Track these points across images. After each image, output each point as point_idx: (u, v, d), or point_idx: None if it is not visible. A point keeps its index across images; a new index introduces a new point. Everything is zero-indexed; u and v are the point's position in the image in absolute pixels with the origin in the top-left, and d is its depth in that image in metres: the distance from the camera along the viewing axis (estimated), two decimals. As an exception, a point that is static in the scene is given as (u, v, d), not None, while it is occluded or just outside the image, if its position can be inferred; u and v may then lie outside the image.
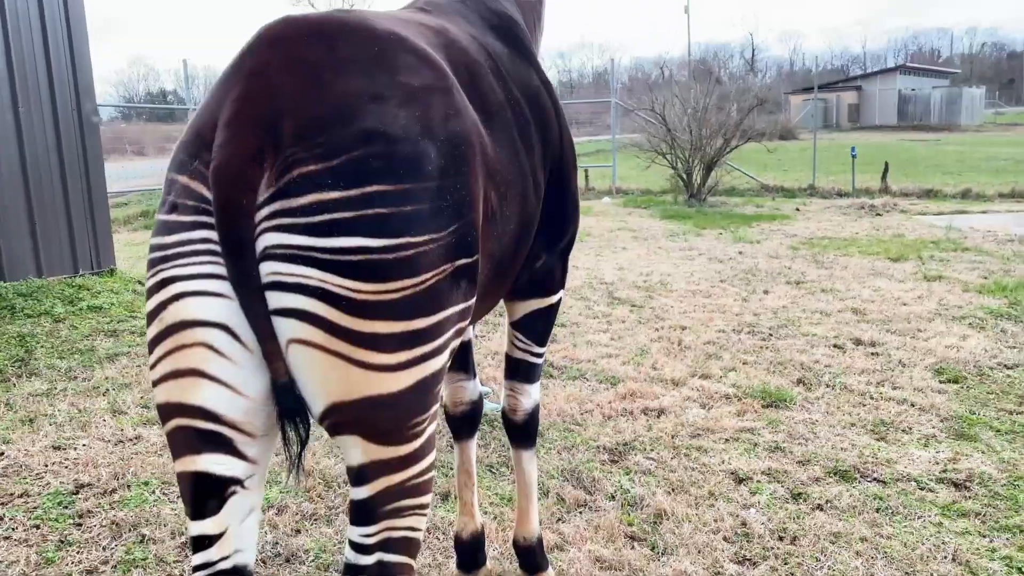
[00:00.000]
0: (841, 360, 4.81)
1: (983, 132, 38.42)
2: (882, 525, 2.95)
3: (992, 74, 69.50)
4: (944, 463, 3.43)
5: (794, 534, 2.88)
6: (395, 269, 1.33)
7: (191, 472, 1.42)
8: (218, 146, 1.34)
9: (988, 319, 5.64)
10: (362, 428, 1.41)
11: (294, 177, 1.32)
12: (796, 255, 8.41)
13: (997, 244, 8.76)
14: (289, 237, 1.32)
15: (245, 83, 1.39)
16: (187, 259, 1.36)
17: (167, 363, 1.39)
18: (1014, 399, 4.16)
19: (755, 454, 3.53)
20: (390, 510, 1.50)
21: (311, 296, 1.31)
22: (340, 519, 2.92)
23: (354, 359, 1.34)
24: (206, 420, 1.38)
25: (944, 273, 7.19)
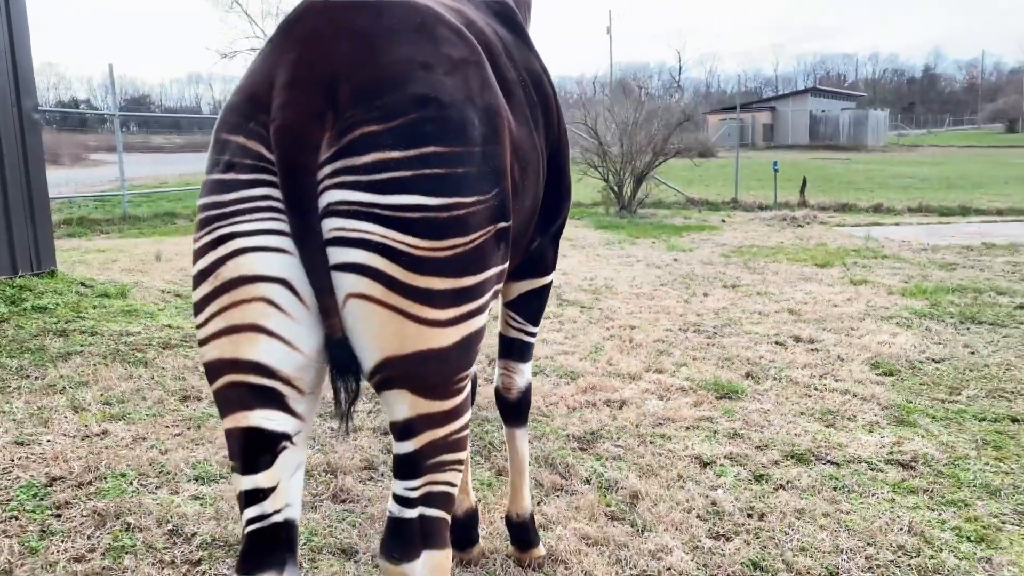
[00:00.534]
0: (784, 356, 5.05)
1: (888, 152, 40.43)
2: (840, 502, 3.13)
3: (894, 98, 73.18)
4: (890, 446, 3.65)
5: (761, 511, 3.04)
6: (449, 227, 1.40)
7: (243, 428, 1.45)
8: (279, 107, 1.39)
9: (913, 319, 5.99)
10: (412, 382, 1.47)
11: (356, 137, 1.38)
12: (728, 262, 8.73)
13: (912, 253, 9.28)
14: (352, 194, 1.37)
15: (300, 47, 1.45)
16: (247, 215, 1.40)
17: (221, 319, 1.42)
18: (944, 389, 4.44)
19: (716, 440, 3.69)
20: (433, 464, 1.56)
21: (372, 251, 1.37)
22: (324, 505, 2.94)
23: (410, 313, 1.40)
24: (261, 375, 1.42)
25: (868, 278, 7.59)
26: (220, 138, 1.48)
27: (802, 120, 46.03)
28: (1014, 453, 3.59)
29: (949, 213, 14.16)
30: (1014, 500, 3.15)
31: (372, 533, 2.74)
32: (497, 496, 3.12)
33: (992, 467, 3.45)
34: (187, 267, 7.16)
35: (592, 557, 2.63)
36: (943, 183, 21.05)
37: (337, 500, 2.98)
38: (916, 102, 73.53)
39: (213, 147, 1.49)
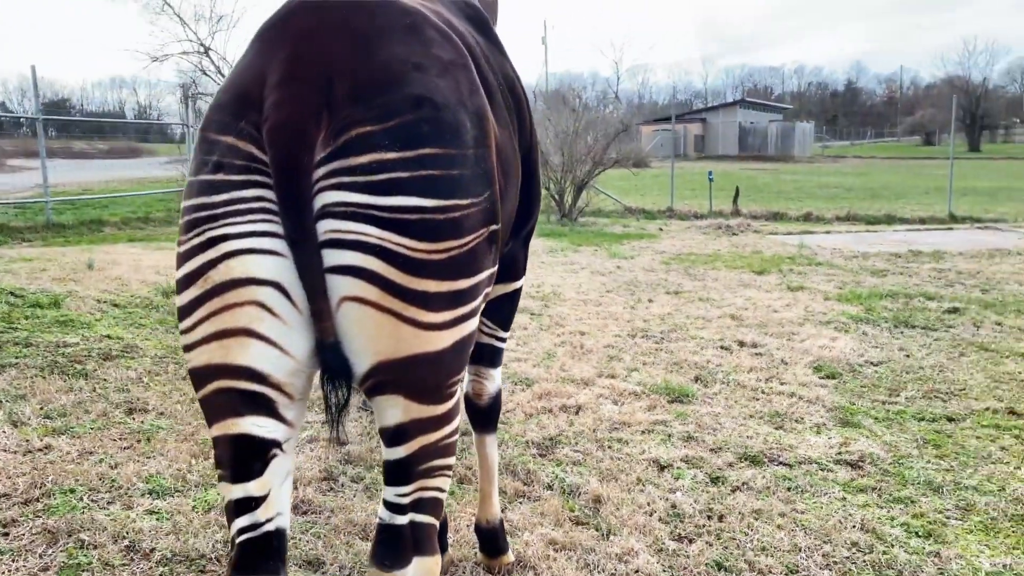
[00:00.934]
0: (730, 360, 5.16)
1: (814, 163, 41.72)
2: (795, 502, 3.21)
3: (818, 110, 75.67)
4: (837, 447, 3.76)
5: (720, 513, 3.09)
6: (445, 229, 1.40)
7: (233, 435, 1.42)
8: (272, 105, 1.36)
9: (850, 323, 6.18)
10: (405, 387, 1.46)
11: (352, 137, 1.36)
12: (669, 269, 8.88)
13: (844, 260, 9.58)
14: (348, 195, 1.35)
15: (294, 45, 1.42)
16: (239, 217, 1.37)
17: (210, 324, 1.38)
18: (884, 391, 4.60)
19: (671, 444, 3.75)
20: (424, 469, 1.54)
21: (368, 253, 1.35)
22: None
23: (405, 316, 1.39)
24: (251, 381, 1.39)
25: (805, 284, 7.81)
26: (208, 138, 1.44)
27: (732, 131, 47.21)
28: (953, 451, 3.74)
29: (875, 222, 14.68)
30: (956, 496, 3.27)
31: (338, 544, 2.70)
32: (461, 504, 3.10)
33: (934, 465, 3.58)
34: (122, 276, 6.94)
35: (560, 562, 2.64)
36: (867, 193, 21.82)
37: (299, 512, 2.93)
38: (839, 115, 76.24)
39: (200, 147, 1.45)
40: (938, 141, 60.28)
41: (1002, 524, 3.05)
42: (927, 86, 79.78)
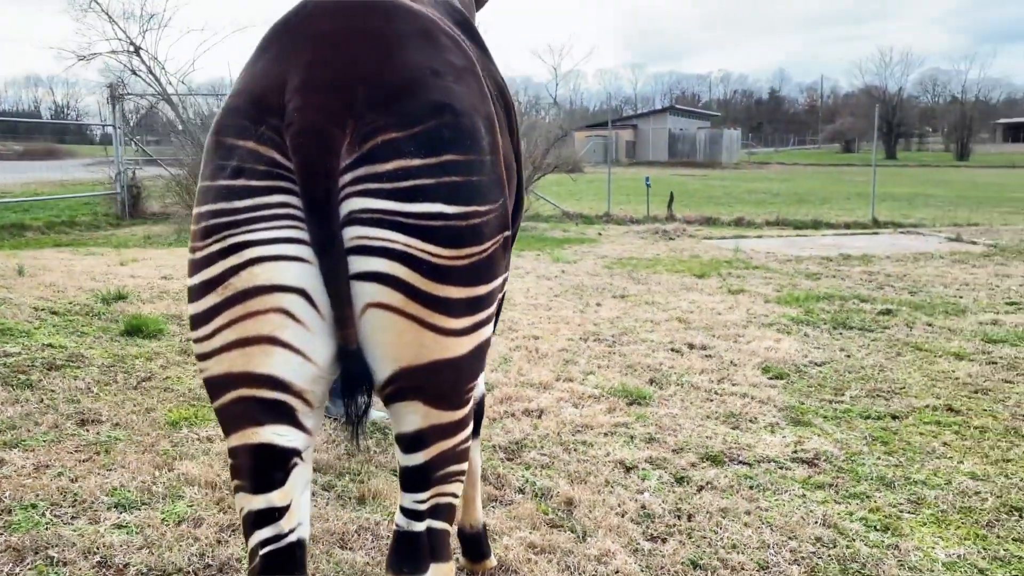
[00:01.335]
0: (682, 362, 5.27)
1: (741, 169, 42.84)
2: (758, 500, 3.30)
3: (744, 118, 77.75)
4: (793, 445, 3.88)
5: (689, 512, 3.16)
6: (466, 235, 1.41)
7: (254, 445, 1.40)
8: (297, 110, 1.34)
9: (792, 325, 6.38)
10: (425, 393, 1.46)
11: (378, 143, 1.35)
12: (613, 273, 9.00)
13: (779, 263, 9.87)
14: (375, 202, 1.35)
15: (314, 49, 1.40)
16: (263, 223, 1.35)
17: (231, 332, 1.36)
18: (830, 391, 4.77)
19: (634, 445, 3.81)
20: (441, 475, 1.55)
21: (394, 260, 1.35)
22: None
23: (428, 323, 1.39)
24: (274, 389, 1.37)
25: (744, 287, 8.02)
26: (223, 143, 1.41)
27: (662, 138, 48.14)
28: (900, 448, 3.90)
29: (804, 226, 15.15)
30: (907, 491, 3.42)
31: (317, 554, 2.66)
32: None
33: (884, 461, 3.73)
34: (56, 282, 6.69)
35: (542, 565, 2.67)
36: (793, 198, 22.50)
37: (272, 522, 2.87)
38: (764, 122, 78.48)
39: (215, 152, 1.42)
40: (857, 148, 62.62)
41: (952, 516, 3.20)
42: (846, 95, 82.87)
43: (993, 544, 2.98)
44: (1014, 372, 5.16)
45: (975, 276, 8.82)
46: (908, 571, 2.78)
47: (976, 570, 2.80)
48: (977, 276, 8.82)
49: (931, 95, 75.18)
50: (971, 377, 5.03)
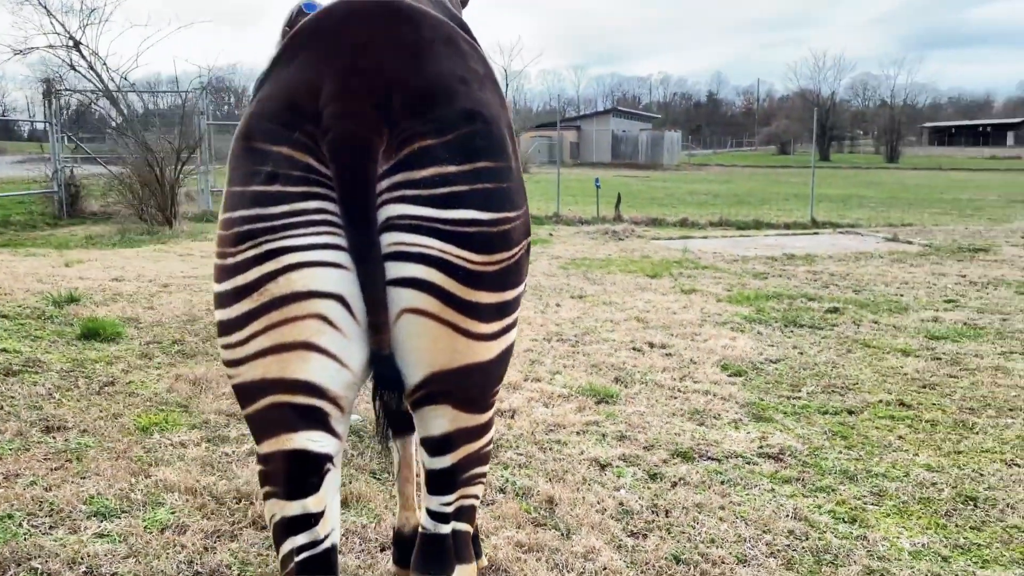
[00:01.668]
0: (644, 361, 5.37)
1: (681, 171, 43.55)
2: (730, 495, 3.40)
3: (683, 120, 79.09)
4: (758, 441, 4.00)
5: (666, 508, 3.24)
6: (498, 242, 1.44)
7: (288, 451, 1.41)
8: (334, 117, 1.35)
9: (745, 324, 6.55)
10: (455, 397, 1.49)
11: (415, 150, 1.37)
12: (568, 273, 9.09)
13: (727, 263, 10.10)
14: (412, 208, 1.37)
15: (348, 57, 1.41)
16: (300, 229, 1.35)
17: (266, 338, 1.37)
18: (787, 388, 4.91)
19: (607, 443, 3.88)
20: (467, 478, 1.58)
21: (432, 266, 1.38)
22: (244, 534, 2.80)
23: (461, 328, 1.42)
24: (309, 395, 1.38)
25: (696, 287, 8.19)
26: (255, 147, 1.41)
27: (605, 139, 48.66)
28: (859, 442, 4.05)
29: (746, 227, 15.50)
30: (869, 483, 3.56)
31: (308, 557, 2.65)
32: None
33: (845, 455, 3.87)
34: (3, 285, 6.47)
35: (531, 563, 2.71)
36: (734, 199, 22.99)
37: (257, 527, 2.85)
38: (703, 124, 79.97)
39: (246, 156, 1.42)
40: (792, 150, 64.25)
41: (913, 507, 3.34)
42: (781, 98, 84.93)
43: (953, 533, 3.12)
44: (957, 367, 5.39)
45: (913, 275, 9.16)
46: (878, 561, 2.89)
47: (940, 558, 2.93)
48: (915, 275, 9.16)
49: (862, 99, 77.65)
50: (919, 372, 5.24)
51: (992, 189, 30.22)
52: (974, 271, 9.38)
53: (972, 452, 3.93)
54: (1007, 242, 12.02)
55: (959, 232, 13.76)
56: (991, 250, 11.06)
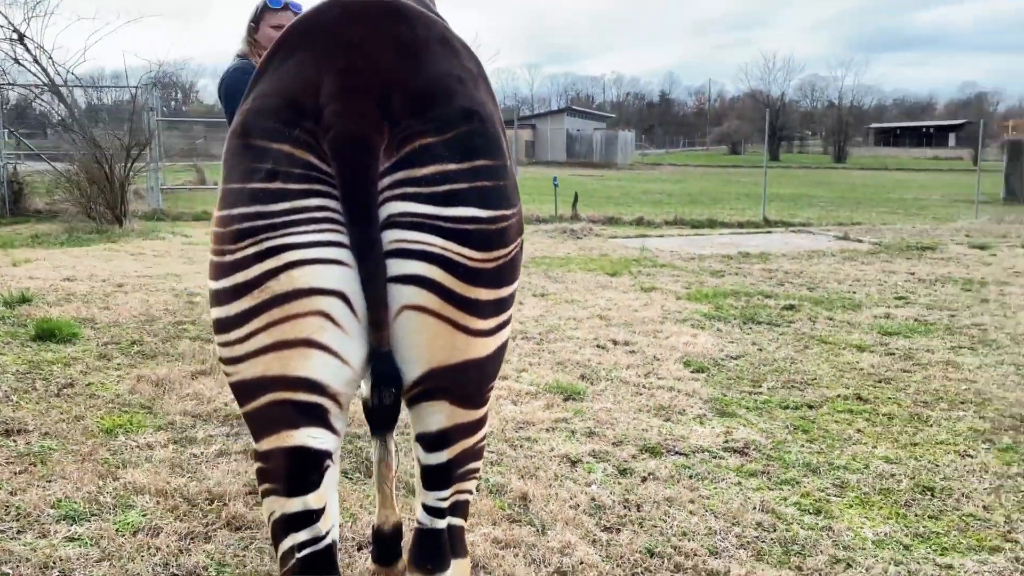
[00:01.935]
0: (608, 358, 5.42)
1: (635, 170, 43.95)
2: (699, 488, 3.46)
3: (636, 119, 79.94)
4: (723, 435, 4.07)
5: (637, 503, 3.28)
6: (495, 239, 1.45)
7: (288, 448, 1.41)
8: (335, 115, 1.35)
9: (704, 321, 6.66)
10: (452, 393, 1.50)
11: (415, 148, 1.38)
12: (529, 272, 9.12)
13: (684, 261, 10.24)
14: (414, 205, 1.38)
15: (347, 55, 1.42)
16: (302, 227, 1.35)
17: (266, 335, 1.37)
18: (748, 383, 5.01)
19: (576, 440, 3.92)
20: (462, 473, 1.59)
21: (432, 263, 1.39)
22: (219, 535, 2.77)
23: (460, 324, 1.43)
24: (310, 392, 1.38)
25: (655, 285, 8.29)
26: (254, 145, 1.40)
27: (560, 138, 48.87)
28: (819, 435, 4.15)
29: (700, 226, 15.73)
30: (831, 476, 3.65)
31: (286, 558, 2.64)
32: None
33: (807, 448, 3.96)
34: (-51, 284, 6.27)
35: (509, 559, 2.73)
36: (687, 199, 23.30)
37: (232, 528, 2.83)
38: (655, 124, 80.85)
39: (243, 153, 1.41)
40: (743, 150, 65.31)
41: (874, 498, 3.44)
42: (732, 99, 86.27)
43: (913, 522, 3.22)
44: (910, 362, 5.55)
45: (864, 272, 9.39)
46: (843, 551, 2.97)
47: (901, 547, 3.03)
48: (866, 272, 9.40)
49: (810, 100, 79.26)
50: (874, 367, 5.38)
51: (935, 189, 31.11)
52: (922, 269, 9.65)
53: (927, 444, 4.06)
54: (952, 240, 12.39)
55: (907, 231, 14.14)
56: (938, 248, 11.39)
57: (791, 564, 2.87)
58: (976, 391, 4.90)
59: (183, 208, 15.10)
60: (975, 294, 8.09)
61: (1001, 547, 3.03)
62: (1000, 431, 4.23)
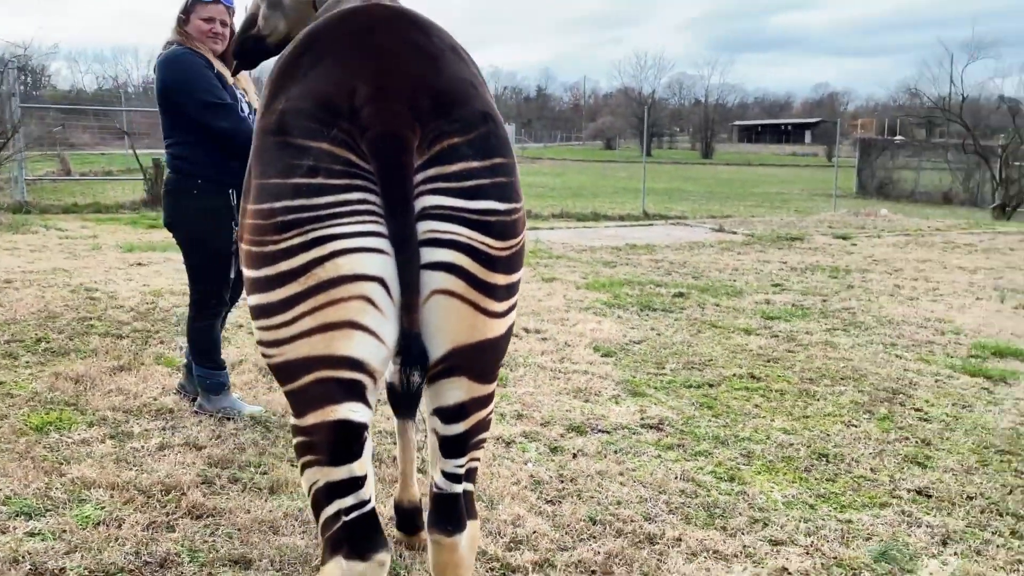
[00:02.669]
0: (524, 345, 5.66)
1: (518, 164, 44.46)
2: (625, 462, 3.74)
3: (515, 114, 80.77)
4: (638, 413, 4.38)
5: (572, 477, 3.53)
6: (510, 229, 1.64)
7: (333, 421, 1.54)
8: (374, 115, 1.50)
9: (606, 308, 7.00)
10: (470, 370, 1.67)
11: (445, 147, 1.55)
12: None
13: (577, 253, 10.62)
14: (445, 199, 1.54)
15: (378, 61, 1.57)
16: (345, 219, 1.49)
17: (312, 318, 1.49)
18: (653, 365, 5.36)
19: (507, 422, 4.13)
20: (475, 442, 1.77)
21: (460, 251, 1.55)
22: (182, 524, 2.81)
23: (480, 307, 1.61)
24: (352, 370, 1.52)
25: (555, 275, 8.60)
26: (292, 143, 1.52)
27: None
28: (723, 411, 4.52)
29: (585, 219, 16.25)
30: (738, 447, 4.01)
31: (256, 541, 2.72)
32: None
33: (714, 423, 4.32)
34: None
35: (467, 532, 2.90)
36: (569, 192, 23.92)
37: (193, 516, 2.87)
38: (533, 119, 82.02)
39: (282, 151, 1.52)
40: (617, 146, 67.22)
41: (778, 465, 3.81)
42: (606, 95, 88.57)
43: (814, 485, 3.61)
44: (793, 343, 6.06)
45: (742, 262, 10.04)
46: (759, 512, 3.31)
47: (808, 506, 3.39)
48: (743, 262, 10.04)
49: (679, 97, 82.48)
50: (762, 349, 5.85)
51: (795, 183, 33.17)
52: (793, 258, 10.40)
53: (817, 416, 4.50)
54: (817, 231, 13.35)
55: (775, 223, 15.10)
56: (805, 239, 12.26)
57: (716, 526, 3.18)
58: (853, 368, 5.43)
59: (49, 200, 14.31)
60: (841, 281, 8.81)
61: (889, 503, 3.45)
62: (877, 403, 4.73)
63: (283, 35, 3.14)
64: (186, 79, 3.55)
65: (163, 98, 3.66)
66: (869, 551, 3.02)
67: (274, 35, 3.12)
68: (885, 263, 10.06)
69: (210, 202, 3.64)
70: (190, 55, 3.61)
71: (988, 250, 11.55)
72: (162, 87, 3.63)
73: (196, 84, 3.54)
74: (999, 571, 2.93)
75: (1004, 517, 3.36)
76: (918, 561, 2.97)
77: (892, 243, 12.11)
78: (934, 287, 8.52)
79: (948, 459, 3.93)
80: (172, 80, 3.59)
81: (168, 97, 3.63)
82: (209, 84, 3.57)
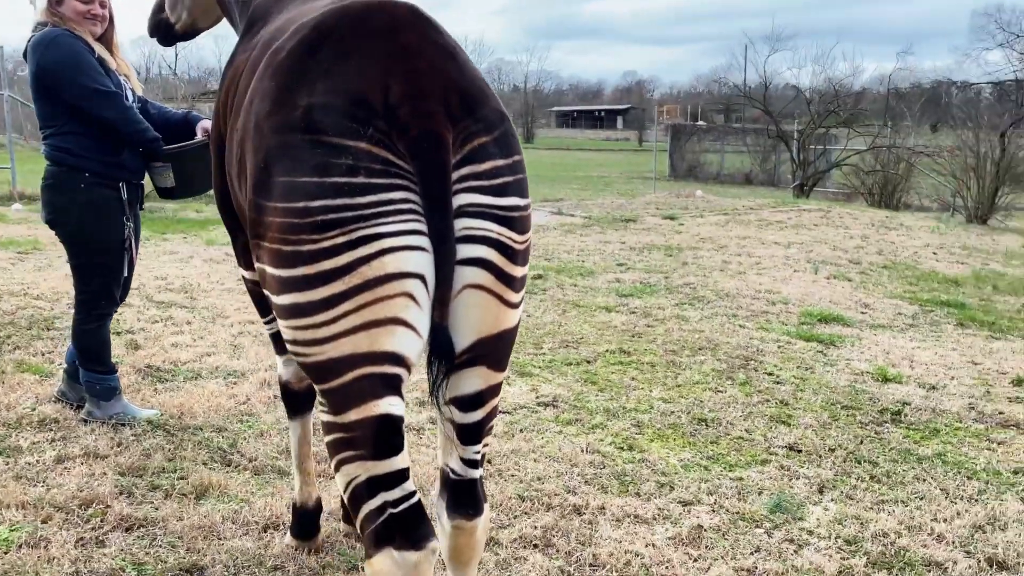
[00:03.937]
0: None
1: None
2: (533, 440, 3.91)
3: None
4: (532, 393, 4.56)
5: (488, 458, 3.64)
6: (527, 223, 1.73)
7: (375, 416, 1.57)
8: (411, 116, 1.53)
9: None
10: (490, 359, 1.75)
11: (475, 146, 1.61)
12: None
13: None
14: (479, 197, 1.60)
15: (409, 59, 1.60)
16: (390, 217, 1.52)
17: (357, 316, 1.52)
18: (532, 346, 5.56)
19: (410, 410, 4.16)
20: (489, 428, 1.85)
21: (491, 247, 1.63)
22: (113, 538, 2.67)
23: (503, 298, 1.69)
24: (394, 365, 1.56)
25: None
26: (326, 141, 1.52)
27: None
28: (606, 385, 4.79)
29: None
30: (628, 418, 4.29)
31: (202, 547, 2.63)
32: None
33: (602, 397, 4.58)
34: None
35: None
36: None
37: (123, 529, 2.73)
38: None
39: (313, 148, 1.51)
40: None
41: (666, 432, 4.12)
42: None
43: (703, 448, 3.94)
44: (650, 318, 6.47)
45: (585, 243, 10.48)
46: (662, 476, 3.59)
47: (702, 468, 3.71)
48: (587, 243, 10.49)
49: (498, 83, 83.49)
50: (625, 325, 6.21)
51: (613, 167, 34.71)
52: (630, 238, 10.98)
53: (688, 385, 4.87)
54: (647, 212, 14.14)
55: (608, 205, 15.82)
56: (638, 220, 12.96)
57: (630, 492, 3.42)
58: (706, 339, 5.89)
59: None
60: (676, 259, 9.43)
61: (768, 459, 3.84)
62: (735, 369, 5.19)
63: (189, 25, 3.03)
64: (67, 64, 3.30)
65: (39, 84, 3.37)
66: (764, 504, 3.36)
67: (180, 24, 3.01)
68: (711, 241, 10.84)
69: (98, 196, 3.41)
70: (68, 37, 3.35)
71: (797, 226, 12.74)
72: (39, 72, 3.35)
73: (78, 69, 3.30)
74: (869, 511, 3.36)
75: (862, 464, 3.83)
76: (804, 509, 3.35)
77: (714, 222, 13.06)
78: (757, 261, 9.32)
79: (806, 416, 4.40)
80: (51, 64, 3.31)
81: (45, 83, 3.36)
82: (92, 69, 3.34)
